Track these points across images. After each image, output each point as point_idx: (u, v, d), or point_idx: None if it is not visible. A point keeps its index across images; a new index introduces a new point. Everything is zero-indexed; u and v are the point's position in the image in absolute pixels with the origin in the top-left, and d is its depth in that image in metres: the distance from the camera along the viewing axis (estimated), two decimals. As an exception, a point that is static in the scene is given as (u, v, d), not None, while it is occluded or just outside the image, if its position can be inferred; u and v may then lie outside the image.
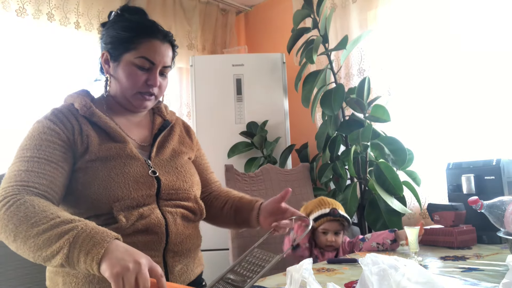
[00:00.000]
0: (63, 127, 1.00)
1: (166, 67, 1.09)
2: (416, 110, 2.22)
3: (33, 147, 0.95)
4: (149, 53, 1.04)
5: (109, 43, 1.08)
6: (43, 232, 0.77)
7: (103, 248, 0.73)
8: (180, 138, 1.21)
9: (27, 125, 1.03)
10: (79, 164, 0.99)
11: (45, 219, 0.79)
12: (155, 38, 1.05)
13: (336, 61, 2.58)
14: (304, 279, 0.73)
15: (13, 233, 0.79)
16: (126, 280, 0.69)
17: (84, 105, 1.05)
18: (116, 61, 1.06)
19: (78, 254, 0.74)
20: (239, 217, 1.19)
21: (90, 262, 0.73)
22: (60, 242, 0.75)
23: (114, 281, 0.70)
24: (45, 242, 0.76)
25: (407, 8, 2.26)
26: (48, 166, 0.93)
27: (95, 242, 0.74)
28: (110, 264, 0.71)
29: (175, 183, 1.07)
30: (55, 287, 0.99)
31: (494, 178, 1.43)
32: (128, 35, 1.04)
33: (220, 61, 2.60)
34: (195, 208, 1.11)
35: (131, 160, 1.02)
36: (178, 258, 1.04)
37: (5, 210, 0.82)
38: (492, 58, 1.95)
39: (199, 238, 1.14)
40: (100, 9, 2.55)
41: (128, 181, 0.99)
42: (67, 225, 0.77)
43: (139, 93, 1.07)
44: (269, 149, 2.43)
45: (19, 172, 0.90)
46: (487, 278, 0.93)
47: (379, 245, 1.36)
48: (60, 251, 0.75)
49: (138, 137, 1.13)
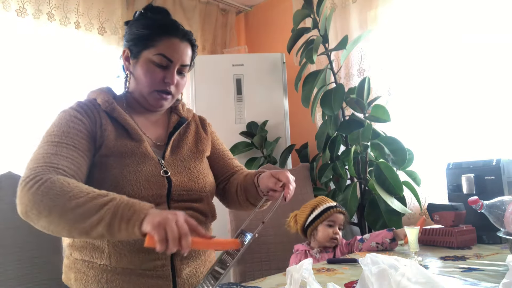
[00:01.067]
0: (88, 118, 1.02)
1: (185, 65, 1.09)
2: (416, 110, 2.22)
3: (61, 133, 0.96)
4: (167, 51, 1.05)
5: (130, 40, 1.09)
6: (83, 204, 0.80)
7: (144, 214, 0.77)
8: (196, 136, 1.20)
9: (27, 125, 1.04)
10: (95, 158, 1.00)
11: (82, 193, 0.81)
12: (174, 36, 1.06)
13: (336, 61, 2.58)
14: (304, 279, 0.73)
15: (48, 207, 0.81)
16: (168, 228, 0.73)
17: (107, 101, 1.07)
18: (136, 58, 1.07)
19: (119, 222, 0.78)
20: (250, 196, 1.14)
21: (132, 227, 0.77)
22: (101, 212, 0.78)
23: (156, 230, 0.73)
24: (85, 213, 0.79)
25: (407, 8, 2.26)
26: (76, 153, 0.94)
27: (135, 209, 0.78)
28: (151, 219, 0.75)
29: (186, 184, 1.07)
30: (68, 281, 1.02)
31: (494, 178, 1.43)
32: (148, 32, 1.05)
33: (220, 61, 2.60)
34: (206, 209, 1.11)
35: (145, 159, 1.03)
36: (186, 261, 1.04)
37: (38, 186, 0.82)
38: (492, 57, 1.95)
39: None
40: (100, 9, 2.55)
41: (139, 179, 0.99)
42: (105, 198, 0.81)
43: (156, 91, 1.07)
44: (269, 149, 2.43)
45: (47, 154, 0.91)
46: (487, 278, 0.93)
47: (378, 244, 1.36)
48: (101, 221, 0.78)
49: (154, 135, 1.13)
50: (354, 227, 2.36)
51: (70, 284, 1.01)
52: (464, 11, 2.05)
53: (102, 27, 2.54)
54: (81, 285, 0.97)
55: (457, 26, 2.07)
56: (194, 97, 2.53)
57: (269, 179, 1.02)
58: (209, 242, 0.80)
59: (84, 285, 0.97)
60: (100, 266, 0.97)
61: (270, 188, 1.01)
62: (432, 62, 2.17)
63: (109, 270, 0.96)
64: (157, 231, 0.73)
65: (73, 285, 1.00)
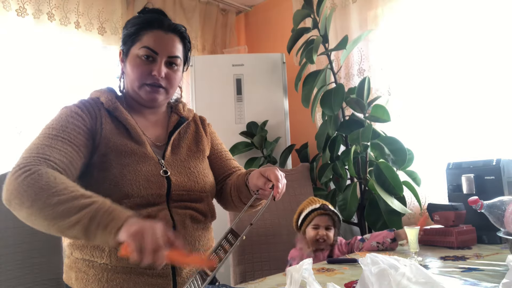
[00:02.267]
0: (89, 115, 1.03)
1: (173, 57, 1.08)
2: (416, 110, 2.22)
3: (59, 127, 0.97)
4: (151, 43, 1.05)
5: (122, 41, 1.11)
6: (64, 202, 0.79)
7: (121, 222, 0.76)
8: (197, 135, 1.20)
9: (27, 125, 1.04)
10: (95, 158, 1.00)
11: (65, 191, 0.81)
12: (159, 29, 1.07)
13: (336, 61, 2.58)
14: (304, 279, 0.73)
15: (30, 199, 0.81)
16: (144, 238, 0.72)
17: (110, 100, 1.08)
18: (126, 56, 1.09)
19: (96, 227, 0.77)
20: (243, 197, 1.12)
21: (108, 234, 0.76)
22: (80, 214, 0.78)
23: (132, 240, 0.72)
24: (64, 212, 0.78)
25: (407, 8, 2.26)
26: (70, 147, 0.95)
27: (113, 217, 0.77)
28: (128, 228, 0.74)
29: (186, 184, 1.07)
30: (69, 281, 1.02)
31: (494, 178, 1.43)
32: (134, 29, 1.07)
33: (220, 61, 2.60)
34: (206, 209, 1.11)
35: (145, 159, 1.03)
36: None
37: (25, 177, 0.83)
38: (492, 57, 1.95)
39: (211, 240, 1.13)
40: (100, 9, 2.55)
41: (139, 179, 0.99)
42: (87, 199, 0.80)
43: (145, 85, 1.07)
44: (269, 149, 2.43)
45: (41, 145, 0.92)
46: (487, 278, 0.93)
47: (379, 244, 1.36)
48: (78, 223, 0.77)
49: (154, 135, 1.13)
50: (354, 227, 2.36)
51: (71, 284, 1.01)
52: (464, 11, 2.05)
53: (102, 27, 2.54)
54: (82, 284, 0.98)
55: (457, 26, 2.07)
56: (194, 97, 2.53)
57: (258, 179, 1.00)
58: (185, 258, 0.77)
59: (84, 284, 0.97)
60: (101, 265, 0.97)
61: (260, 187, 0.99)
62: (432, 62, 2.17)
63: (110, 269, 0.96)
64: (133, 241, 0.72)
65: (74, 285, 1.00)
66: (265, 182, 0.98)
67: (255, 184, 1.01)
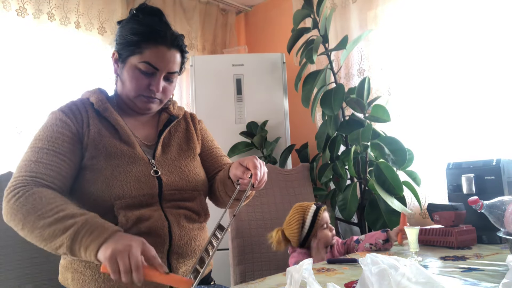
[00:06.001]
0: (74, 119, 1.03)
1: (172, 73, 1.08)
2: (416, 110, 2.22)
3: (44, 138, 0.99)
4: (153, 59, 1.03)
5: (119, 44, 1.08)
6: (48, 226, 0.84)
7: (101, 241, 0.80)
8: (187, 133, 1.19)
9: (27, 125, 1.05)
10: (85, 160, 1.00)
11: (51, 212, 0.85)
12: (162, 44, 1.04)
13: (336, 61, 2.57)
14: (304, 279, 0.73)
15: (21, 223, 0.86)
16: (119, 260, 0.76)
17: (100, 100, 1.08)
18: (123, 63, 1.07)
19: (79, 248, 0.82)
20: (229, 190, 1.11)
21: (89, 255, 0.81)
22: (62, 237, 0.82)
23: (108, 262, 0.77)
24: (50, 235, 0.83)
25: (407, 8, 2.26)
26: (56, 157, 0.96)
27: (93, 238, 0.81)
28: (104, 250, 0.79)
29: (177, 183, 1.06)
30: (65, 282, 1.02)
31: (494, 178, 1.43)
32: (135, 39, 1.03)
33: (220, 61, 2.60)
34: (199, 208, 1.10)
35: (135, 160, 1.03)
36: (182, 260, 1.04)
37: (14, 200, 0.88)
38: (492, 57, 1.95)
39: (206, 240, 1.12)
40: (100, 9, 2.55)
41: (130, 179, 0.99)
42: (70, 220, 0.84)
43: (142, 95, 1.07)
44: (269, 149, 2.43)
45: (29, 162, 0.95)
46: (487, 278, 0.93)
47: (372, 245, 1.36)
48: (62, 245, 0.83)
49: (144, 136, 1.13)
50: (354, 227, 2.36)
51: (67, 284, 1.01)
52: (464, 11, 2.05)
53: (102, 27, 2.55)
54: (79, 284, 0.97)
55: (457, 26, 2.07)
56: (194, 97, 2.53)
57: (237, 168, 1.00)
58: (163, 277, 0.80)
59: (81, 285, 0.97)
60: (97, 266, 0.97)
61: (239, 177, 0.99)
62: (432, 62, 2.17)
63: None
64: (108, 263, 0.77)
65: (70, 285, 0.99)
66: (243, 171, 0.98)
67: (234, 174, 1.02)
